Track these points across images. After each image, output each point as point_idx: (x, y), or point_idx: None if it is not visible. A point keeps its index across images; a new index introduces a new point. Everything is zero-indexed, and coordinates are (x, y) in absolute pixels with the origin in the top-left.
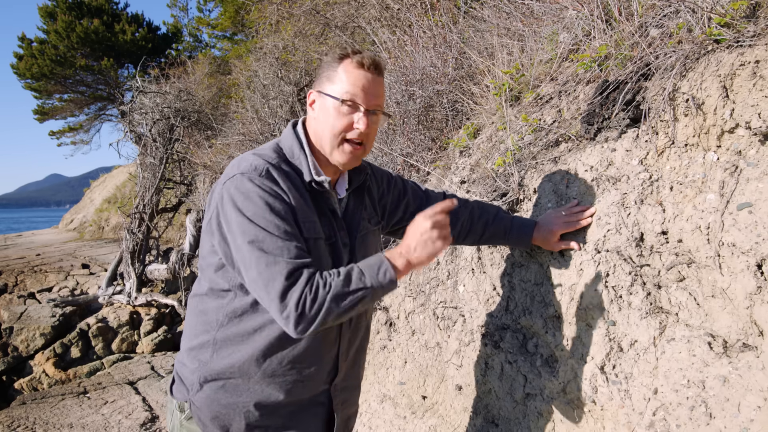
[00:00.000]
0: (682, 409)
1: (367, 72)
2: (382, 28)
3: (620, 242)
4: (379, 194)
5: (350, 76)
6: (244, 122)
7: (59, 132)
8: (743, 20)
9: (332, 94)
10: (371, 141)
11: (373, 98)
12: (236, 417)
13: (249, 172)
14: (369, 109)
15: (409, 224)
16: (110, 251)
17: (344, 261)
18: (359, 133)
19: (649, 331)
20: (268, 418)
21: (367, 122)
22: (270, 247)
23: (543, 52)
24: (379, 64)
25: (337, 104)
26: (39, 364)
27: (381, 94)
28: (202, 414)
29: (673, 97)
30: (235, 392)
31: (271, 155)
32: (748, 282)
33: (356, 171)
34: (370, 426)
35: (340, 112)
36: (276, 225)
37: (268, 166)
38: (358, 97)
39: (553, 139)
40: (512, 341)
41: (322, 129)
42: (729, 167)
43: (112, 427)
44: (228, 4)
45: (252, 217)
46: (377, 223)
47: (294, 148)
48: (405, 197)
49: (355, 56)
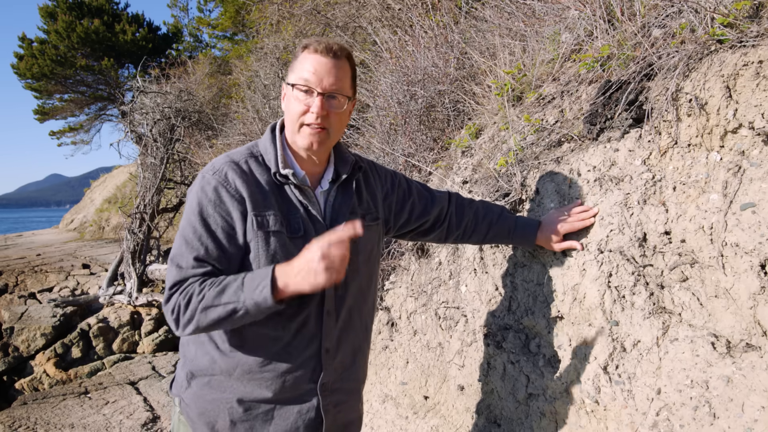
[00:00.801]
0: (686, 409)
1: (320, 56)
2: (383, 28)
3: (623, 242)
4: (383, 193)
5: (306, 62)
6: (245, 122)
7: (59, 132)
8: (746, 20)
9: (289, 81)
10: (336, 125)
11: (328, 81)
12: (221, 413)
13: (206, 172)
14: (324, 92)
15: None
16: (111, 251)
17: None
18: (315, 116)
19: (652, 331)
20: (251, 414)
21: (321, 105)
22: (177, 247)
23: (545, 52)
24: (335, 48)
25: (292, 90)
26: (40, 364)
27: (341, 77)
28: (190, 410)
29: (676, 97)
30: (219, 388)
31: (243, 153)
32: (751, 282)
33: (341, 163)
34: (372, 426)
35: (296, 98)
36: (193, 228)
37: (226, 168)
38: (311, 81)
39: (555, 139)
40: (515, 341)
41: (286, 118)
42: (732, 167)
43: (114, 427)
44: (228, 4)
45: (185, 214)
46: (374, 219)
47: (267, 143)
48: (410, 198)
49: (313, 44)
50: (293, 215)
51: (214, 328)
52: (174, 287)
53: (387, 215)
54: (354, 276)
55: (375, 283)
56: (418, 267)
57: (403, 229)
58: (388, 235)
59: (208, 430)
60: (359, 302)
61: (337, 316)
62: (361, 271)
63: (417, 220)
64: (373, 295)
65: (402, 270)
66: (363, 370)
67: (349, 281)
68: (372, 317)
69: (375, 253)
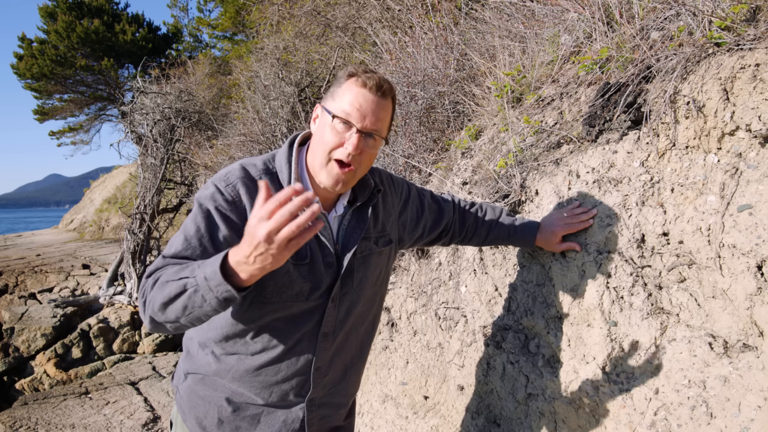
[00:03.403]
0: (683, 408)
1: (368, 92)
2: (383, 29)
3: (621, 243)
4: (398, 212)
5: (351, 94)
6: (245, 123)
7: (59, 132)
8: (743, 23)
9: (330, 109)
10: (364, 166)
11: (370, 120)
12: (210, 410)
13: (219, 181)
14: (363, 130)
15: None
16: (111, 251)
17: (326, 282)
18: (347, 153)
19: (650, 332)
20: (239, 415)
21: (357, 143)
22: (171, 243)
23: (544, 54)
24: (385, 87)
25: (331, 120)
26: (40, 364)
27: (382, 118)
28: (183, 403)
29: (674, 99)
30: (212, 386)
31: (259, 167)
32: (748, 283)
33: (361, 187)
34: (372, 426)
35: (333, 129)
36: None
37: (239, 184)
38: (353, 116)
39: (554, 141)
40: (514, 342)
41: (315, 143)
42: (729, 169)
43: (114, 427)
44: (228, 5)
45: (190, 217)
46: (387, 243)
47: (282, 161)
48: (423, 213)
49: (362, 75)
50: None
51: (167, 312)
52: (150, 274)
53: (401, 233)
54: (358, 301)
55: (380, 303)
56: (418, 268)
57: (416, 243)
58: (402, 248)
59: (197, 424)
60: (358, 324)
61: (334, 339)
62: (366, 296)
63: (429, 234)
64: (376, 313)
65: (402, 270)
66: (354, 385)
67: (352, 306)
68: (371, 334)
69: (383, 276)
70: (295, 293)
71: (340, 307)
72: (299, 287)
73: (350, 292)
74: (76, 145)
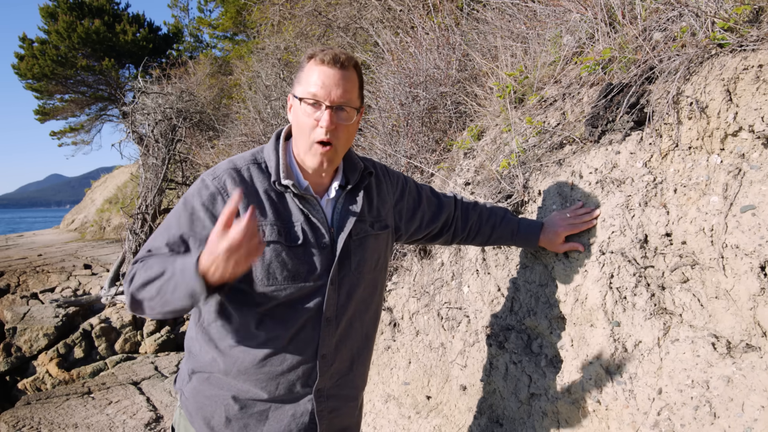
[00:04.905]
0: (687, 408)
1: (327, 67)
2: (384, 29)
3: (624, 244)
4: (394, 200)
5: (312, 74)
6: (246, 123)
7: (60, 132)
8: (746, 24)
9: (297, 94)
10: (343, 140)
11: (336, 94)
12: (217, 409)
13: (207, 176)
14: (332, 104)
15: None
16: (112, 251)
17: (323, 264)
18: (324, 131)
19: (653, 332)
20: (246, 413)
21: (330, 119)
22: (153, 237)
23: (546, 54)
24: (342, 58)
25: (299, 104)
26: (42, 364)
27: (348, 89)
28: (189, 404)
29: (676, 100)
30: (217, 385)
31: (247, 159)
32: (751, 283)
33: (350, 170)
34: (375, 426)
35: (305, 112)
36: (179, 223)
37: (226, 176)
38: (319, 95)
39: (557, 142)
40: (517, 342)
41: (295, 131)
42: (732, 170)
43: (117, 427)
44: (229, 5)
45: (174, 209)
46: (383, 227)
47: (270, 151)
48: (420, 204)
49: (318, 54)
50: (293, 224)
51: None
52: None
53: (398, 222)
54: (358, 284)
55: (380, 291)
56: (421, 268)
57: (414, 236)
58: (400, 242)
59: (205, 425)
60: (361, 311)
61: (337, 324)
62: (365, 280)
63: (427, 227)
64: (377, 302)
65: (404, 270)
66: (362, 378)
67: (353, 290)
68: (375, 325)
69: (382, 261)
70: (291, 275)
71: (340, 291)
72: (295, 269)
73: (349, 274)
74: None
